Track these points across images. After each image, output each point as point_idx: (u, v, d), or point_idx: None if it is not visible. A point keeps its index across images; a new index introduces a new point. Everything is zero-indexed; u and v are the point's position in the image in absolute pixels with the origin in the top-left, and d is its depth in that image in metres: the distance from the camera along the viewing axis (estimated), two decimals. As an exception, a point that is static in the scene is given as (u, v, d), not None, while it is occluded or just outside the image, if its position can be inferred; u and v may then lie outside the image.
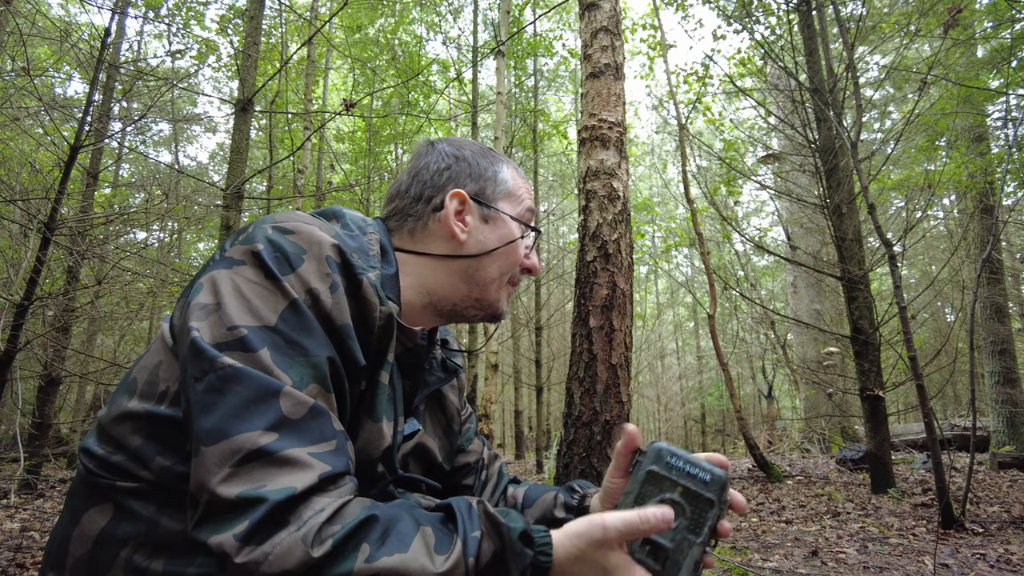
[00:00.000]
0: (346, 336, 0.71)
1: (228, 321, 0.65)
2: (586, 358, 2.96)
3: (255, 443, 0.60)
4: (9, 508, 4.07)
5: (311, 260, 0.70)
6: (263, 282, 0.68)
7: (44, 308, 4.20)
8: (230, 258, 0.70)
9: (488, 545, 0.64)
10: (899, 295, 3.64)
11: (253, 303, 0.66)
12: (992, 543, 3.08)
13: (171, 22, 6.59)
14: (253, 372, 0.63)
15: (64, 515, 0.74)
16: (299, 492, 0.59)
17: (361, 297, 0.74)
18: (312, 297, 0.69)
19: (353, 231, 0.83)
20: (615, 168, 3.23)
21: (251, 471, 0.59)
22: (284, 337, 0.66)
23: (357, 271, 0.73)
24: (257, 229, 0.72)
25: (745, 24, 6.33)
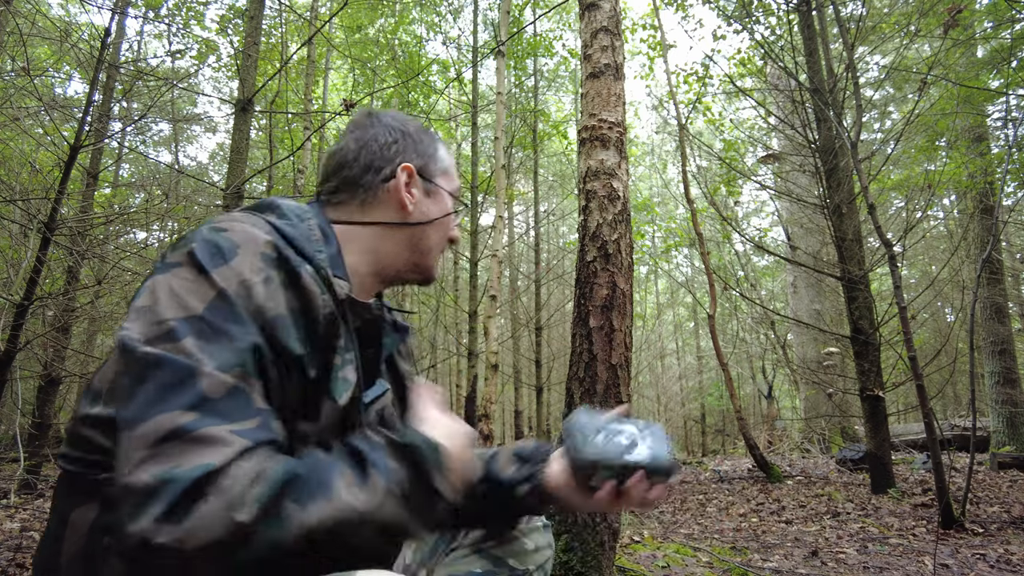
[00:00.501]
0: (278, 326, 0.71)
1: (158, 316, 0.66)
2: (586, 358, 2.96)
3: (173, 423, 0.59)
4: (9, 508, 4.07)
5: (245, 254, 0.72)
6: (195, 277, 0.69)
7: (44, 308, 4.20)
8: (168, 263, 0.72)
9: (401, 465, 0.69)
10: (899, 295, 3.64)
11: (182, 297, 0.68)
12: (992, 543, 3.08)
13: (171, 22, 6.59)
14: (172, 357, 0.63)
15: (51, 521, 0.75)
16: (218, 466, 0.58)
17: (301, 288, 0.75)
18: (244, 288, 0.70)
19: (292, 220, 0.84)
20: (615, 168, 3.23)
21: (168, 452, 0.58)
22: (209, 325, 0.66)
23: (294, 264, 0.75)
24: (194, 233, 0.74)
25: (745, 24, 6.33)
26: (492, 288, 6.25)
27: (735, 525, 3.86)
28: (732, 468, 7.66)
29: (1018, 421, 7.26)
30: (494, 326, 6.19)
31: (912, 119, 5.19)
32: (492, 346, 6.13)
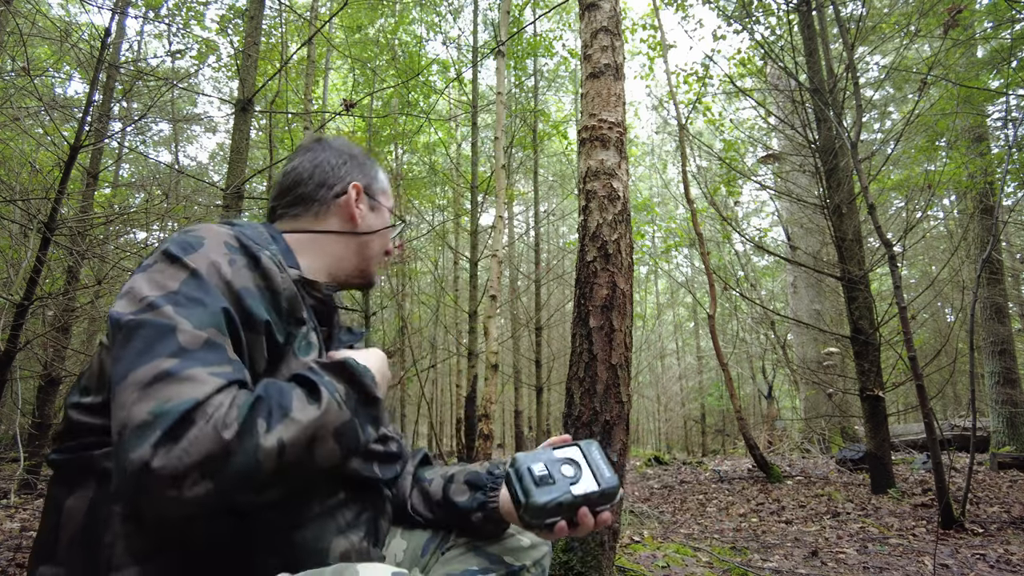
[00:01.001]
0: (245, 296, 0.81)
1: (137, 295, 0.75)
2: (586, 358, 2.96)
3: (158, 367, 0.69)
4: (9, 508, 4.07)
5: (211, 243, 0.83)
6: (168, 265, 0.79)
7: (44, 308, 4.20)
8: (146, 264, 0.81)
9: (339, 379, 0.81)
10: (899, 295, 3.64)
11: (159, 280, 0.77)
12: (992, 543, 3.08)
13: (171, 22, 6.58)
14: (153, 319, 0.72)
15: (47, 514, 0.80)
16: (201, 399, 0.68)
17: (262, 268, 0.85)
18: (213, 267, 0.80)
19: (244, 226, 0.94)
20: (615, 168, 3.23)
21: (158, 391, 0.67)
22: (185, 296, 0.76)
23: (254, 250, 0.85)
24: (167, 239, 0.85)
25: (745, 24, 6.33)
26: (492, 288, 6.25)
27: (735, 525, 3.86)
28: (732, 468, 7.66)
29: (1018, 421, 7.26)
30: (494, 326, 6.19)
31: (912, 119, 5.19)
32: (492, 346, 6.13)
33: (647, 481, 6.71)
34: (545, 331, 10.35)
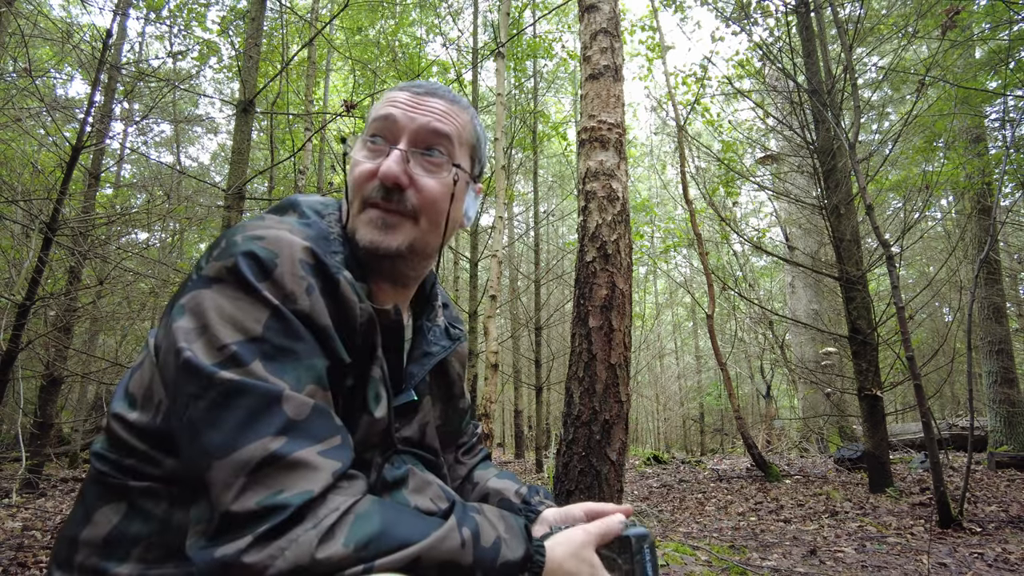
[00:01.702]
0: (328, 336, 0.72)
1: (216, 341, 0.66)
2: (585, 358, 2.98)
3: (266, 449, 0.61)
4: (11, 507, 4.08)
5: (284, 263, 0.70)
6: (242, 295, 0.68)
7: (46, 308, 4.21)
8: (207, 277, 0.70)
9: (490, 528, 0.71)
10: (897, 295, 3.66)
11: (236, 318, 0.67)
12: (990, 542, 3.10)
13: (172, 23, 6.60)
14: (252, 382, 0.64)
15: (76, 512, 0.75)
16: (317, 493, 0.61)
17: (339, 296, 0.74)
18: (291, 299, 0.69)
19: (310, 218, 0.81)
20: (614, 169, 3.25)
21: (266, 478, 0.61)
22: (272, 344, 0.67)
23: (332, 271, 0.73)
24: (229, 243, 0.72)
25: (743, 26, 6.35)
26: (492, 288, 6.27)
27: (734, 524, 3.88)
28: (730, 467, 7.68)
29: (1015, 420, 7.28)
30: (494, 326, 6.21)
31: (910, 120, 5.21)
32: (492, 346, 6.15)
33: (646, 480, 6.73)
34: (545, 331, 10.37)
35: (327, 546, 0.59)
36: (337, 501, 0.63)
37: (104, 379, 5.04)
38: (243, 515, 0.59)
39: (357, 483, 0.67)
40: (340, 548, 0.60)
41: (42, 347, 4.29)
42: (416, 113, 0.84)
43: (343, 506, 0.63)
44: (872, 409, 4.83)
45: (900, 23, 6.73)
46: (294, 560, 0.58)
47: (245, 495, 0.60)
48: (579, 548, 0.75)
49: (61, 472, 6.32)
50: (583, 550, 0.76)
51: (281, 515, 0.59)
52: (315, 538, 0.59)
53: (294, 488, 0.61)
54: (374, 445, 0.80)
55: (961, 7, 4.98)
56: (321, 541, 0.59)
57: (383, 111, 0.85)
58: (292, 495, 0.60)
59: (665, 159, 17.29)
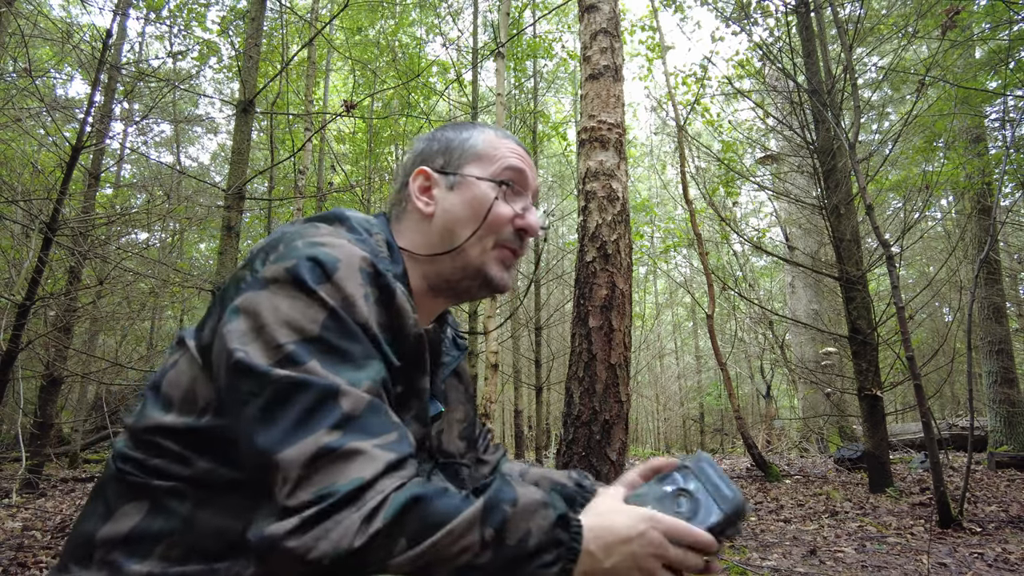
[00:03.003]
0: (383, 341, 0.73)
1: (272, 341, 0.67)
2: (585, 358, 2.98)
3: (321, 443, 0.63)
4: (11, 507, 4.08)
5: (346, 269, 0.72)
6: (300, 296, 0.69)
7: (46, 308, 4.21)
8: (264, 279, 0.71)
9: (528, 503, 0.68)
10: (897, 295, 3.66)
11: (292, 318, 0.68)
12: (990, 542, 3.10)
13: (172, 23, 6.60)
14: (310, 379, 0.65)
15: (96, 509, 0.75)
16: (367, 480, 0.62)
17: (395, 307, 0.76)
18: (348, 303, 0.70)
19: (361, 235, 0.83)
20: (614, 169, 3.25)
21: (321, 470, 0.62)
22: (329, 345, 0.68)
23: (389, 282, 0.76)
24: (289, 247, 0.73)
25: (743, 26, 6.36)
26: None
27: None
28: (730, 467, 7.68)
29: (1016, 420, 7.28)
30: (494, 326, 6.22)
31: (910, 120, 5.21)
32: (492, 346, 6.15)
33: (646, 481, 6.72)
34: (545, 331, 10.37)
35: (368, 526, 0.60)
36: (384, 484, 0.63)
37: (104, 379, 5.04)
38: (298, 506, 0.61)
39: (408, 468, 0.67)
40: (380, 525, 0.60)
41: (42, 347, 4.29)
42: (532, 173, 0.96)
43: (389, 488, 0.63)
44: (872, 409, 4.83)
45: (900, 23, 6.73)
46: (336, 541, 0.59)
47: (300, 488, 0.61)
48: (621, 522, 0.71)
49: (61, 472, 6.32)
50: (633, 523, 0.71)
51: (330, 500, 0.60)
52: (358, 520, 0.60)
53: (347, 476, 0.62)
54: (420, 452, 0.82)
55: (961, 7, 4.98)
56: (364, 522, 0.60)
57: (516, 163, 0.93)
58: (344, 482, 0.61)
59: (665, 159, 17.28)
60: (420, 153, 0.94)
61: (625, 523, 0.70)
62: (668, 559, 0.70)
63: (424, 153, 0.94)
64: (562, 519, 0.69)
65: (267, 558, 0.61)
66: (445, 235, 0.89)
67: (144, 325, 6.88)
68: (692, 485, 0.77)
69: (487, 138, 0.94)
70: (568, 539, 0.68)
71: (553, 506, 0.69)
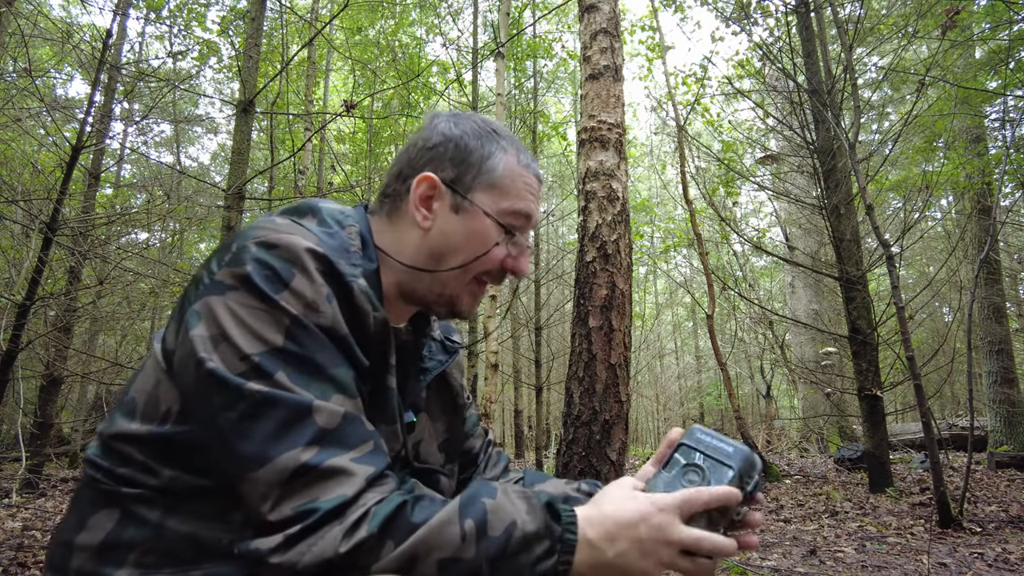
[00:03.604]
0: (350, 344, 0.72)
1: (238, 351, 0.66)
2: (585, 358, 2.98)
3: (298, 460, 0.63)
4: (11, 507, 4.08)
5: (300, 273, 0.70)
6: (260, 305, 0.67)
7: (46, 308, 4.21)
8: (221, 283, 0.69)
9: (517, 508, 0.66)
10: (897, 295, 3.66)
11: (256, 328, 0.67)
12: (990, 542, 3.10)
13: (172, 23, 6.60)
14: (282, 394, 0.65)
15: (70, 518, 0.75)
16: (350, 497, 0.63)
17: (353, 304, 0.73)
18: (311, 310, 0.69)
19: (331, 227, 0.79)
20: (614, 169, 3.25)
21: (301, 488, 0.62)
22: (295, 356, 0.67)
23: (347, 278, 0.73)
24: (241, 249, 0.71)
25: (743, 26, 6.35)
26: (492, 288, 6.28)
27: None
28: (731, 468, 7.66)
29: (1016, 420, 7.28)
30: (494, 326, 6.22)
31: (910, 120, 5.21)
32: (492, 346, 6.15)
33: (646, 481, 6.72)
34: (545, 331, 10.37)
35: (351, 538, 0.61)
36: (366, 498, 0.64)
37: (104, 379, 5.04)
38: (281, 522, 0.62)
39: (388, 483, 0.67)
40: (363, 535, 0.61)
41: (42, 347, 4.29)
42: (538, 208, 0.90)
43: (370, 502, 0.64)
44: (872, 409, 4.82)
45: (900, 23, 6.73)
46: (320, 554, 0.60)
47: (282, 504, 0.62)
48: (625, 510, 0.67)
49: (61, 472, 6.32)
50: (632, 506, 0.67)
51: (314, 517, 0.61)
52: (340, 533, 0.61)
53: (330, 494, 0.62)
54: (393, 457, 0.80)
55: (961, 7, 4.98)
56: (346, 535, 0.61)
57: (529, 209, 0.86)
58: (326, 500, 0.62)
59: (665, 159, 17.28)
60: (432, 150, 0.85)
61: (628, 508, 0.66)
62: (683, 543, 0.65)
63: (435, 153, 0.85)
64: (550, 507, 0.67)
65: (257, 571, 0.63)
66: (434, 255, 0.84)
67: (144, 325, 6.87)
68: (696, 457, 0.74)
69: (508, 165, 0.85)
70: (560, 529, 0.65)
71: (537, 497, 0.67)
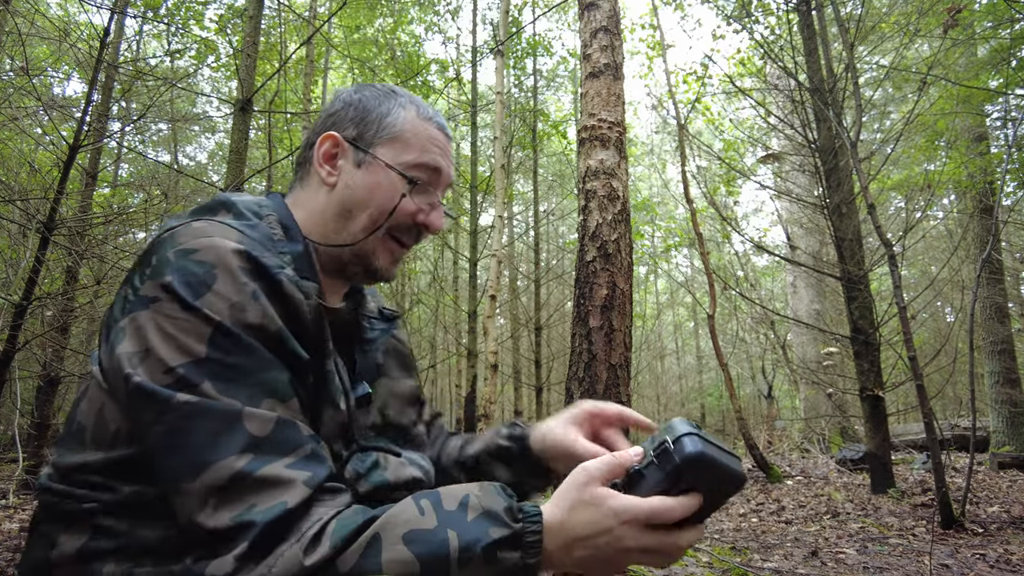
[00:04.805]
0: (283, 339, 0.70)
1: (162, 364, 0.64)
2: (586, 358, 2.96)
3: (232, 468, 0.61)
4: (8, 508, 4.06)
5: (223, 274, 0.68)
6: (182, 314, 0.66)
7: (43, 308, 4.19)
8: (144, 296, 0.68)
9: None
10: (899, 295, 3.64)
11: (179, 339, 0.65)
12: (992, 543, 3.08)
13: (170, 22, 6.58)
14: (210, 403, 0.63)
15: (36, 543, 0.72)
16: (293, 506, 0.61)
17: (284, 296, 0.71)
18: (237, 311, 0.67)
19: (250, 219, 0.78)
20: (615, 168, 3.23)
21: (236, 495, 0.61)
22: (220, 363, 0.65)
23: (273, 271, 0.71)
24: (161, 260, 0.69)
25: (744, 24, 6.33)
26: (492, 288, 6.25)
27: (735, 525, 3.86)
28: (732, 468, 7.64)
29: (1018, 421, 7.26)
30: (493, 326, 6.19)
31: (912, 119, 5.19)
32: (492, 346, 6.13)
33: (647, 481, 6.70)
34: (545, 331, 10.35)
35: (313, 554, 0.59)
36: (320, 512, 0.62)
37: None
38: (220, 531, 0.60)
39: (341, 496, 0.66)
40: (327, 550, 0.59)
41: (39, 347, 4.27)
42: (448, 167, 0.90)
43: (326, 516, 0.62)
44: (874, 409, 4.80)
45: (902, 21, 6.71)
46: (282, 574, 0.58)
47: (219, 513, 0.60)
48: (582, 499, 0.64)
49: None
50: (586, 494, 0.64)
51: (255, 530, 0.59)
52: (299, 551, 0.59)
53: (267, 502, 0.60)
54: (338, 437, 0.79)
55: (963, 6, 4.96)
56: (307, 552, 0.59)
57: (434, 161, 0.87)
58: (265, 509, 0.60)
59: (666, 158, 17.26)
60: (333, 115, 0.88)
61: (585, 518, 0.63)
62: (645, 548, 0.63)
63: (337, 117, 0.87)
64: (502, 491, 0.65)
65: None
66: (341, 212, 0.84)
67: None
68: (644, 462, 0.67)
69: (408, 118, 0.86)
70: (524, 518, 0.63)
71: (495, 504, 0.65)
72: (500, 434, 0.99)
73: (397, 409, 0.95)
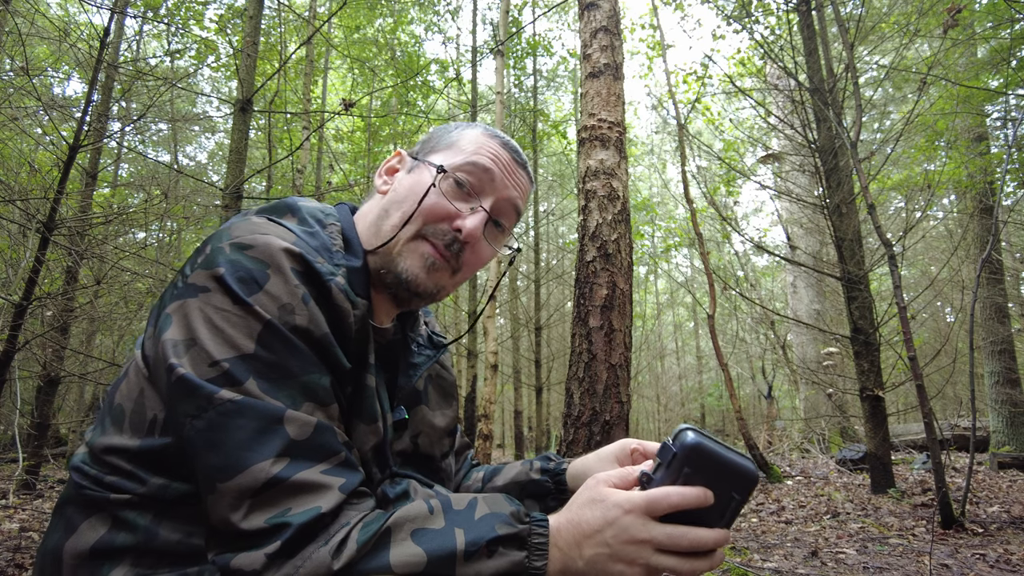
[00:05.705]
0: (328, 344, 0.70)
1: (208, 356, 0.64)
2: (586, 358, 2.96)
3: (270, 472, 0.61)
4: (8, 508, 4.06)
5: (276, 274, 0.68)
6: (232, 308, 0.66)
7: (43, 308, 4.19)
8: (194, 285, 0.68)
9: None
10: (899, 295, 3.64)
11: (228, 333, 0.65)
12: (992, 543, 3.08)
13: (170, 22, 6.58)
14: (252, 402, 0.63)
15: (58, 526, 0.73)
16: (326, 511, 0.62)
17: (332, 304, 0.72)
18: (286, 313, 0.67)
19: (312, 227, 0.78)
20: (615, 168, 3.23)
21: (272, 499, 0.61)
22: (266, 362, 0.65)
23: (325, 278, 0.71)
24: (215, 250, 0.69)
25: (744, 24, 6.33)
26: (492, 288, 6.25)
27: (735, 525, 3.86)
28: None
29: (1018, 421, 7.26)
30: (493, 326, 6.19)
31: (912, 119, 5.19)
32: (492, 346, 6.13)
33: (647, 481, 6.70)
34: (545, 331, 10.35)
35: (340, 557, 0.60)
36: (348, 516, 0.64)
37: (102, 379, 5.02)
38: (253, 532, 0.61)
39: (367, 500, 0.68)
40: (353, 553, 0.60)
41: (39, 347, 4.27)
42: (510, 182, 0.86)
43: (353, 520, 0.63)
44: (874, 410, 4.80)
45: (902, 21, 6.71)
46: (309, 574, 0.59)
47: (253, 515, 0.61)
48: (590, 502, 0.66)
49: (58, 473, 6.30)
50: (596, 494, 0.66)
51: (289, 531, 0.60)
52: (328, 554, 0.60)
53: (302, 506, 0.61)
54: (374, 459, 0.79)
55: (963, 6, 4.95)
56: (335, 555, 0.60)
57: (484, 162, 0.84)
58: (299, 512, 0.61)
59: (666, 158, 17.26)
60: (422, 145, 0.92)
61: (589, 515, 0.65)
62: (654, 540, 0.62)
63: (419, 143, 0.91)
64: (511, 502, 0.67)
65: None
66: (381, 214, 0.84)
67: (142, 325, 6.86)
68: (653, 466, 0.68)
69: (472, 135, 0.87)
70: (527, 530, 0.64)
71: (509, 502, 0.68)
72: (532, 467, 0.99)
73: (430, 439, 0.94)
